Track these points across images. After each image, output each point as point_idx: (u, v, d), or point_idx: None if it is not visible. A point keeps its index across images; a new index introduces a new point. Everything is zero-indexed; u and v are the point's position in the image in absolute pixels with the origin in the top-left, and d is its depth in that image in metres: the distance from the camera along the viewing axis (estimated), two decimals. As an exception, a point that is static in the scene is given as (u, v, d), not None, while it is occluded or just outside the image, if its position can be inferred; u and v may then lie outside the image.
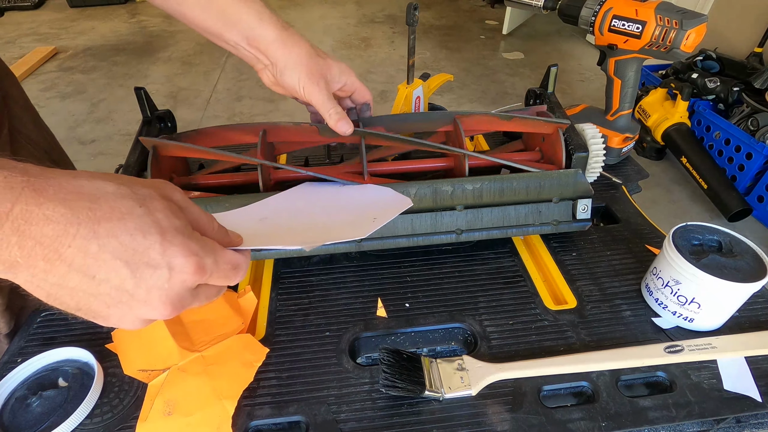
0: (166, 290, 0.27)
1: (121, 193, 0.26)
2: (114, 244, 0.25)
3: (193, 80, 2.50)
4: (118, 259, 0.25)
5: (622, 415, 0.38)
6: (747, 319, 0.46)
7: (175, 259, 0.26)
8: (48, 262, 0.24)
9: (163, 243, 0.26)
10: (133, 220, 0.25)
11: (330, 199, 0.49)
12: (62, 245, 0.24)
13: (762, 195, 1.52)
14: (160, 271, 0.26)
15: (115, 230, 0.25)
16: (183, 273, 0.27)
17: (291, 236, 0.38)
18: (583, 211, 0.51)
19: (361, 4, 3.55)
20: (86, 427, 0.38)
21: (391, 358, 0.39)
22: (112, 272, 0.25)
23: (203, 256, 0.28)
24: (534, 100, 0.66)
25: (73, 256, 0.24)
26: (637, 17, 0.58)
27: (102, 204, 0.25)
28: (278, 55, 0.48)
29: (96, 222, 0.24)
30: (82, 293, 0.25)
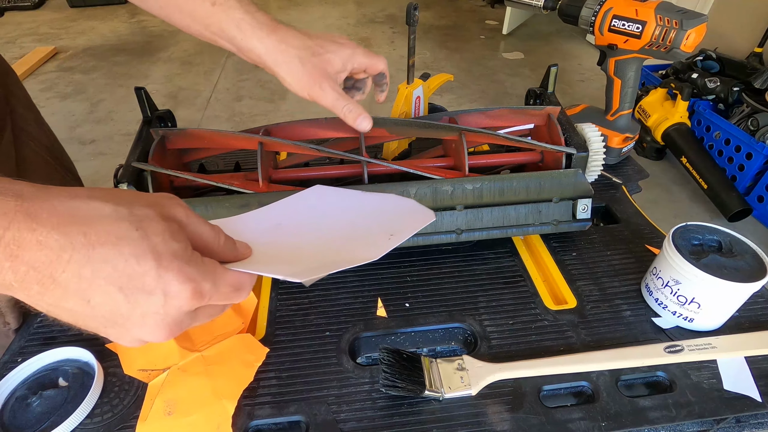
0: (162, 315, 0.27)
1: (118, 215, 0.25)
2: (108, 270, 0.24)
3: (193, 80, 2.50)
4: (111, 285, 0.25)
5: (622, 415, 0.38)
6: (747, 319, 0.46)
7: (171, 285, 0.26)
8: (42, 285, 0.24)
9: (159, 269, 0.25)
10: (128, 244, 0.25)
11: (344, 206, 0.46)
12: (56, 270, 0.24)
13: (762, 195, 1.52)
14: (155, 297, 0.26)
15: (108, 255, 0.24)
16: (178, 299, 0.26)
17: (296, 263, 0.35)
18: (583, 211, 0.51)
19: (361, 4, 3.55)
20: (86, 426, 0.38)
21: (391, 358, 0.39)
22: (106, 297, 0.25)
23: (200, 281, 0.27)
24: (534, 100, 0.66)
25: (68, 281, 0.24)
26: (637, 17, 0.58)
27: (97, 227, 0.25)
28: (274, 69, 0.46)
29: (90, 247, 0.24)
30: (79, 315, 0.26)
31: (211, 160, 0.68)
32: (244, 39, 0.44)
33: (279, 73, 0.46)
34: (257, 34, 0.44)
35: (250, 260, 0.32)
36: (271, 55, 0.45)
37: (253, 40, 0.44)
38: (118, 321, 0.26)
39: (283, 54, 0.45)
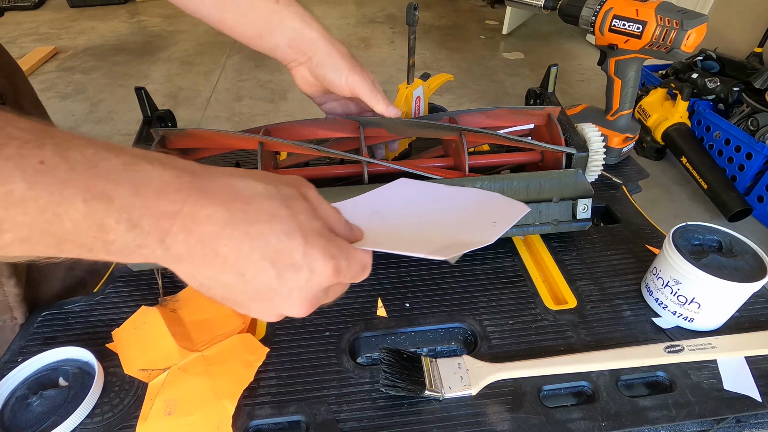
0: (305, 290, 0.28)
1: (268, 193, 0.27)
2: (263, 246, 0.26)
3: (193, 80, 2.50)
4: (266, 260, 0.26)
5: (622, 415, 0.38)
6: (747, 319, 0.46)
7: (316, 262, 0.28)
8: (206, 258, 0.26)
9: (305, 246, 0.27)
10: (280, 222, 0.27)
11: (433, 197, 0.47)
12: (219, 244, 0.25)
13: (762, 195, 1.52)
14: (302, 273, 0.27)
15: (264, 232, 0.26)
16: (321, 275, 0.28)
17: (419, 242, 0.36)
18: (583, 211, 0.51)
19: (361, 4, 3.55)
20: (87, 426, 0.38)
21: (391, 357, 0.39)
22: (260, 271, 0.27)
23: (339, 259, 0.29)
24: (534, 100, 0.66)
25: (228, 255, 0.26)
26: (637, 17, 0.58)
27: (254, 205, 0.26)
28: (320, 50, 0.50)
29: (248, 224, 0.26)
30: (231, 288, 0.27)
31: (212, 159, 0.68)
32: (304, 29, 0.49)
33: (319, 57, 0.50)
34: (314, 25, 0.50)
35: (371, 240, 0.33)
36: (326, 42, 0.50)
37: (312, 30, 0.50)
38: (266, 295, 0.28)
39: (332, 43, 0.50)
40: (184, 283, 0.46)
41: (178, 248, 0.25)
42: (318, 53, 0.50)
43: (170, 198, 0.24)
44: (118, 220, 0.23)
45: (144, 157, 0.24)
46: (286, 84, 2.42)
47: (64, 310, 0.48)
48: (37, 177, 0.20)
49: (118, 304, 0.48)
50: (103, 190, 0.22)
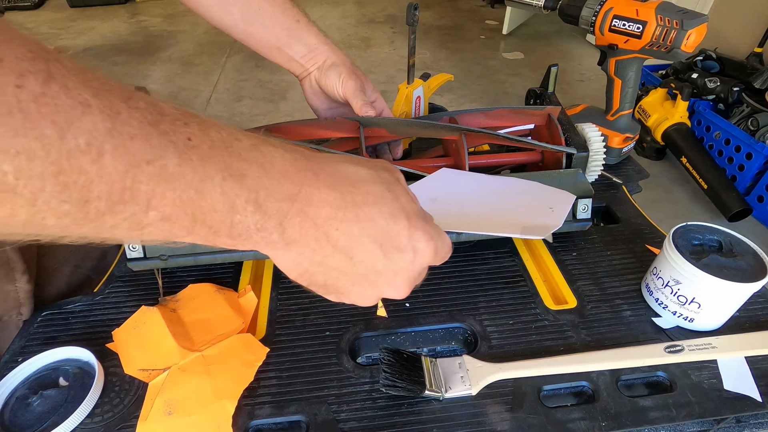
0: (409, 272, 0.29)
1: (372, 177, 0.28)
2: (371, 228, 0.27)
3: (193, 80, 2.50)
4: (374, 242, 0.27)
5: (622, 415, 0.38)
6: (747, 319, 0.46)
7: (420, 243, 0.28)
8: (317, 242, 0.26)
9: (410, 228, 0.28)
10: (386, 204, 0.27)
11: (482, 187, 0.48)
12: (331, 227, 0.26)
13: (762, 195, 1.52)
14: (407, 254, 0.28)
15: (372, 214, 0.27)
16: (424, 256, 0.29)
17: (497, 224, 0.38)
18: (583, 211, 0.51)
19: (361, 4, 3.55)
20: (87, 426, 0.38)
21: (392, 357, 0.39)
22: (367, 254, 0.27)
23: (437, 240, 0.29)
24: (534, 100, 0.66)
25: (338, 238, 0.26)
26: (637, 17, 0.58)
27: (361, 188, 0.27)
28: (329, 57, 0.55)
29: (357, 206, 0.26)
30: (337, 272, 0.28)
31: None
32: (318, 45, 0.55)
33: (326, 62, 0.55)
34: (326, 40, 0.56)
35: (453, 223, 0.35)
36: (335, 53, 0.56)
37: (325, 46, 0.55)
38: (371, 278, 0.28)
39: (337, 53, 0.56)
40: (183, 283, 0.46)
41: (293, 231, 0.25)
42: (327, 62, 0.55)
43: (291, 179, 0.25)
44: (247, 200, 0.23)
45: (266, 141, 0.25)
46: (286, 84, 2.41)
47: (65, 309, 0.48)
48: (187, 153, 0.21)
49: (118, 304, 0.48)
50: (237, 168, 0.23)
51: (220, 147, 0.22)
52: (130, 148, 0.19)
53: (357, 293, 0.30)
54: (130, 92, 0.20)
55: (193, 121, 0.22)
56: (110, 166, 0.18)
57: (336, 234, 0.26)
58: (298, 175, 0.25)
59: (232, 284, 0.50)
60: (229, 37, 0.55)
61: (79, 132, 0.18)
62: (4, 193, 0.17)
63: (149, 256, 0.48)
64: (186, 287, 0.48)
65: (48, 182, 0.17)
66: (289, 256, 0.27)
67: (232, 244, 0.25)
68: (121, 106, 0.19)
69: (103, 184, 0.19)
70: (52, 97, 0.17)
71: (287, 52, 0.55)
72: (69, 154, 0.17)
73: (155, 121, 0.20)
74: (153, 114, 0.20)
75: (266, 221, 0.24)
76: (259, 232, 0.24)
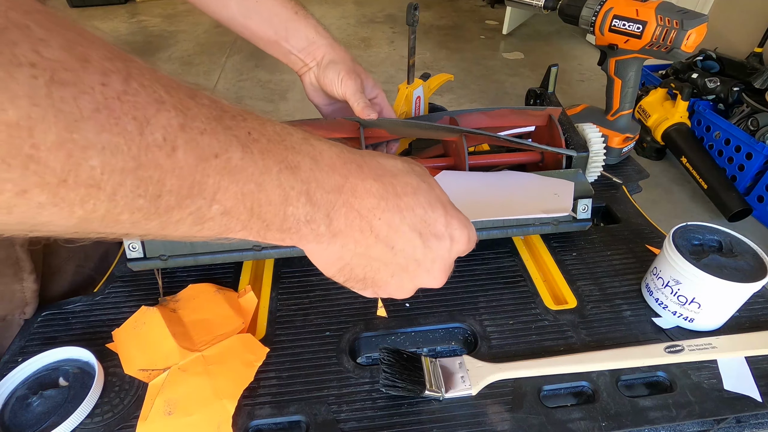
0: (446, 259, 0.30)
1: (407, 170, 0.29)
2: (411, 217, 0.28)
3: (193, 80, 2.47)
4: (413, 231, 0.28)
5: (622, 415, 0.38)
6: (747, 319, 0.46)
7: (456, 231, 0.29)
8: (361, 232, 0.27)
9: (446, 216, 0.29)
10: (423, 194, 0.28)
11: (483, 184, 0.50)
12: (374, 217, 0.27)
13: (762, 195, 1.52)
14: (444, 242, 0.29)
15: (412, 204, 0.28)
16: (460, 243, 0.30)
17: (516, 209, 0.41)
18: (583, 211, 0.51)
19: (361, 4, 3.55)
20: (87, 426, 0.38)
21: (392, 357, 0.39)
22: (408, 243, 0.28)
23: (470, 228, 0.31)
24: (534, 100, 0.66)
25: (380, 228, 0.27)
26: (637, 17, 0.58)
27: (400, 179, 0.28)
28: (327, 55, 0.54)
29: (398, 197, 0.27)
30: (378, 263, 0.28)
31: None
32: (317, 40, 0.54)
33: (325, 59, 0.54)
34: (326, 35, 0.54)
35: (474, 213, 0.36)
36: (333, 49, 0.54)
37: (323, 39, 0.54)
38: (410, 267, 0.29)
39: (337, 50, 0.54)
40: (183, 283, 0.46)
41: (339, 222, 0.26)
42: (325, 58, 0.54)
43: (339, 171, 0.26)
44: (300, 192, 0.24)
45: (312, 135, 0.26)
46: (286, 84, 2.41)
47: (65, 309, 0.48)
48: (249, 146, 0.22)
49: (118, 304, 0.48)
50: (293, 161, 0.24)
51: (276, 141, 0.23)
52: (200, 143, 0.20)
53: (395, 285, 0.30)
54: (195, 89, 0.21)
55: (250, 116, 0.23)
56: (182, 160, 0.19)
57: (378, 224, 0.27)
58: (344, 167, 0.26)
59: (232, 284, 0.50)
60: (229, 37, 0.55)
61: (156, 128, 0.18)
62: (91, 187, 0.17)
63: (149, 256, 0.48)
64: (186, 287, 0.48)
65: (128, 177, 0.18)
66: (333, 249, 0.27)
67: (281, 238, 0.25)
68: (190, 102, 0.20)
69: (174, 178, 0.19)
70: (132, 94, 0.18)
71: (285, 46, 0.54)
72: (147, 149, 0.18)
73: (219, 116, 0.21)
74: (216, 110, 0.21)
75: (315, 212, 0.25)
76: (309, 224, 0.25)
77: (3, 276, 0.44)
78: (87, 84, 0.17)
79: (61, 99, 0.16)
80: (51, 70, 0.16)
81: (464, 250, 0.31)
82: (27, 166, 0.16)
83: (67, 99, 0.16)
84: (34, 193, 0.16)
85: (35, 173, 0.16)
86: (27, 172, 0.16)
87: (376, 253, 0.28)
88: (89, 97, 0.16)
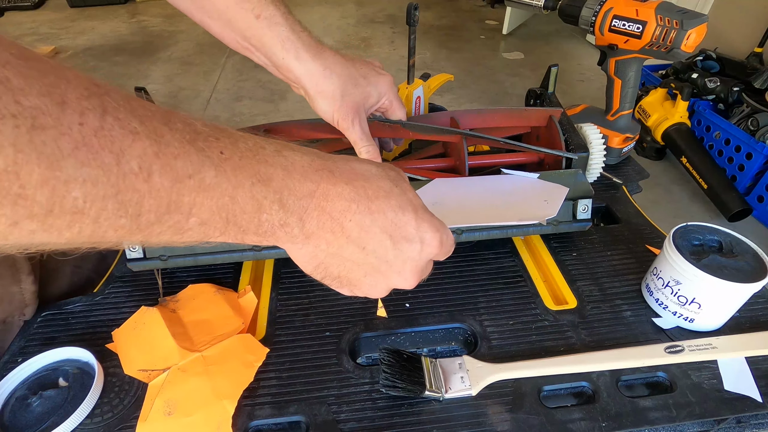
0: (417, 261, 0.31)
1: (381, 174, 0.30)
2: (382, 220, 0.29)
3: (193, 80, 2.50)
4: (384, 233, 0.29)
5: (622, 416, 0.38)
6: (747, 319, 0.46)
7: (426, 233, 0.30)
8: (333, 234, 0.28)
9: (417, 219, 0.30)
10: (394, 197, 0.29)
11: (476, 189, 0.50)
12: (346, 219, 0.28)
13: (762, 195, 1.52)
14: (415, 245, 0.30)
15: (383, 207, 0.29)
16: (431, 246, 0.31)
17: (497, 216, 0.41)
18: (583, 211, 0.51)
19: (361, 4, 3.55)
20: (86, 426, 0.38)
21: (392, 358, 0.39)
22: (378, 244, 0.29)
23: (443, 232, 0.31)
24: (534, 100, 0.66)
25: (352, 229, 0.28)
26: (637, 17, 0.58)
27: (372, 183, 0.29)
28: (311, 93, 0.46)
29: (369, 200, 0.28)
30: (350, 263, 0.30)
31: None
32: (285, 58, 0.44)
33: (315, 98, 0.46)
34: (302, 56, 0.44)
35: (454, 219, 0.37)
36: (313, 79, 0.45)
37: (296, 62, 0.44)
38: (381, 268, 0.30)
39: (327, 81, 0.45)
40: (183, 284, 0.46)
41: (311, 224, 0.27)
42: (306, 90, 0.46)
43: (310, 178, 0.27)
44: (273, 200, 0.25)
45: (285, 146, 0.27)
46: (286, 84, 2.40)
47: (64, 310, 0.48)
48: (221, 165, 0.23)
49: (118, 304, 0.48)
50: (265, 174, 0.25)
51: (249, 156, 0.25)
52: (175, 166, 0.22)
53: (369, 284, 0.31)
54: (169, 114, 0.23)
55: (223, 135, 0.24)
56: (158, 183, 0.21)
57: (349, 225, 0.28)
58: (316, 174, 0.27)
59: (232, 284, 0.50)
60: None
61: (132, 157, 0.20)
62: (75, 214, 0.19)
63: (149, 257, 0.48)
64: (186, 287, 0.48)
65: (109, 202, 0.20)
66: (307, 249, 0.29)
67: (258, 240, 0.27)
68: (164, 129, 0.22)
69: (152, 199, 0.21)
70: (108, 129, 0.19)
71: (258, 57, 0.45)
72: (125, 177, 0.20)
73: (192, 139, 0.23)
74: (190, 133, 0.23)
75: (289, 217, 0.26)
76: (283, 227, 0.27)
77: (1, 278, 0.44)
78: (65, 125, 0.18)
79: (43, 143, 0.17)
80: (32, 118, 0.17)
81: (436, 253, 0.31)
82: (16, 202, 0.17)
83: (48, 142, 0.17)
84: (25, 223, 0.18)
85: (24, 207, 0.18)
86: (17, 207, 0.18)
87: (348, 253, 0.29)
88: (68, 138, 0.18)
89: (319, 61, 0.44)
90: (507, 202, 0.47)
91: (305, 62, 0.44)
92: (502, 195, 0.49)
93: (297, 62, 0.44)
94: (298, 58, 0.44)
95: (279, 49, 0.43)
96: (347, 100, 0.46)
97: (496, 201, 0.47)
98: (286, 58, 0.44)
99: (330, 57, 0.45)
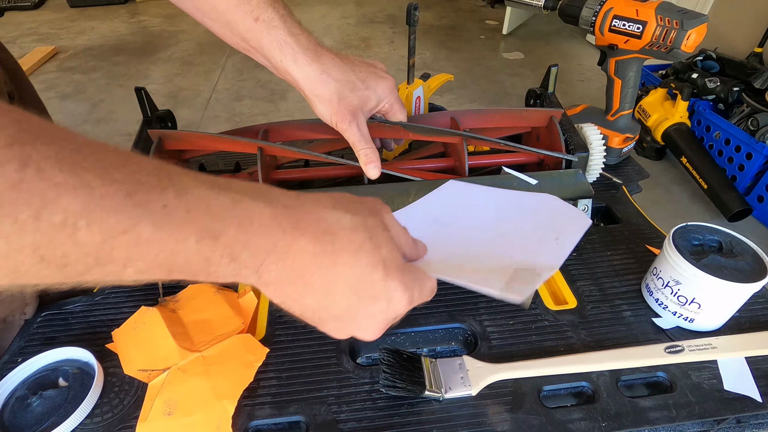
0: (381, 318, 0.30)
1: (354, 225, 0.29)
2: (348, 275, 0.28)
3: (193, 80, 2.50)
4: (349, 288, 0.28)
5: (622, 416, 0.38)
6: (747, 319, 0.46)
7: (395, 292, 0.29)
8: (293, 284, 0.27)
9: (386, 279, 0.29)
10: (365, 254, 0.28)
11: (489, 203, 0.47)
12: (308, 273, 0.27)
13: (762, 195, 1.52)
14: (381, 303, 0.29)
15: (350, 262, 0.28)
16: (399, 305, 0.30)
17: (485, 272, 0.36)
18: (583, 211, 0.51)
19: (361, 4, 3.55)
20: (86, 426, 0.38)
21: (391, 358, 0.39)
22: (342, 298, 0.28)
23: (414, 290, 0.31)
24: (534, 100, 0.66)
25: (314, 282, 0.27)
26: (637, 17, 0.58)
27: (341, 237, 0.28)
28: (309, 96, 0.45)
29: (336, 254, 0.27)
30: (311, 309, 0.29)
31: (212, 159, 0.68)
32: (284, 61, 0.44)
33: (313, 101, 0.46)
34: (299, 60, 0.43)
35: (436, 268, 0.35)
36: (310, 83, 0.44)
37: (294, 65, 0.44)
38: (344, 318, 0.30)
39: (324, 86, 0.44)
40: (184, 284, 0.46)
41: (269, 276, 0.26)
42: (305, 93, 0.46)
43: (270, 233, 0.26)
44: (222, 255, 0.24)
45: (247, 194, 0.26)
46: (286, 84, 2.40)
47: (64, 310, 0.48)
48: (162, 220, 0.22)
49: (118, 304, 0.48)
50: (213, 230, 0.24)
51: (198, 209, 0.23)
52: (105, 222, 0.20)
53: (333, 328, 0.31)
54: (110, 162, 0.21)
55: (170, 185, 0.23)
56: (85, 238, 0.20)
57: (312, 279, 0.27)
58: (278, 228, 0.26)
59: (232, 284, 0.50)
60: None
61: (53, 212, 0.19)
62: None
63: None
64: (186, 287, 0.48)
65: (27, 257, 0.19)
66: (268, 291, 0.28)
67: (218, 281, 0.26)
68: (97, 182, 0.20)
69: (79, 254, 0.20)
70: (27, 182, 0.18)
71: (259, 59, 0.45)
72: (45, 232, 0.19)
73: (131, 191, 0.21)
74: (131, 184, 0.21)
75: (242, 269, 0.25)
76: (237, 276, 0.26)
77: None
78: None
79: None
80: None
81: (404, 310, 0.31)
82: None
83: None
84: None
85: None
86: None
87: (309, 301, 0.28)
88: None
89: (317, 64, 0.44)
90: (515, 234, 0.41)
91: (302, 66, 0.44)
92: (514, 219, 0.44)
93: (295, 66, 0.44)
94: (295, 62, 0.43)
95: (277, 53, 0.43)
96: (344, 104, 0.45)
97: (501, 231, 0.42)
98: (284, 61, 0.44)
99: (328, 61, 0.44)
